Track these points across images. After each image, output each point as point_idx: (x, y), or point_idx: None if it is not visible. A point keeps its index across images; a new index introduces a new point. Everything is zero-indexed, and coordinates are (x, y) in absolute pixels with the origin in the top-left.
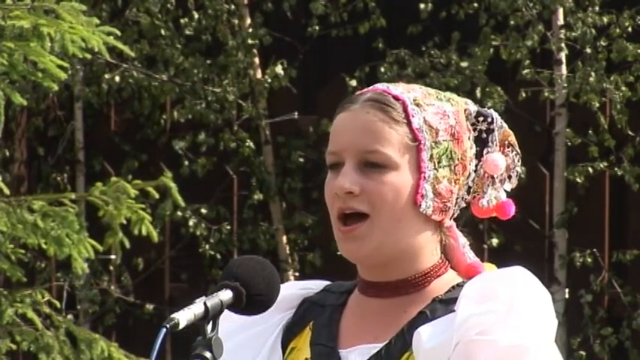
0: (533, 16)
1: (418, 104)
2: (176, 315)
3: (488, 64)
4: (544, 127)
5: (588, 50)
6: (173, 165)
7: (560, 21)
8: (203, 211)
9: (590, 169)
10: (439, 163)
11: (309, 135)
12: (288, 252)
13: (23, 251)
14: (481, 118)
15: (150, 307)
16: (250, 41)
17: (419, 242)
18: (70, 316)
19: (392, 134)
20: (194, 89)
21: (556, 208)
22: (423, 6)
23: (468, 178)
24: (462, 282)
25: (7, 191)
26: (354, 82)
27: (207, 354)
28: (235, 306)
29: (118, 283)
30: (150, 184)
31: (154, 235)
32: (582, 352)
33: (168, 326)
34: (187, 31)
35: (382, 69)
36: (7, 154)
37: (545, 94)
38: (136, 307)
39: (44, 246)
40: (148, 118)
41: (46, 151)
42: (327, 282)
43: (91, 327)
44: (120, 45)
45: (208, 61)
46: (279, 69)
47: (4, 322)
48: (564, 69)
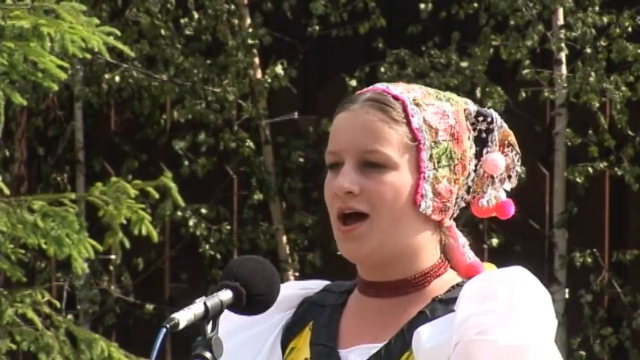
0: (533, 16)
1: (418, 104)
2: (176, 315)
3: (489, 64)
4: (544, 127)
5: (588, 50)
6: (173, 165)
7: (560, 21)
8: (203, 211)
9: (590, 169)
10: (439, 162)
11: (309, 135)
12: (288, 252)
13: (23, 251)
14: (481, 118)
15: (150, 307)
16: (250, 41)
17: (418, 242)
18: (70, 316)
19: (391, 134)
20: (194, 89)
21: (556, 208)
22: (423, 6)
23: (468, 177)
24: (462, 282)
25: (7, 191)
26: (354, 82)
27: (207, 354)
28: (235, 306)
29: (118, 283)
30: (150, 184)
31: (154, 235)
32: (582, 352)
33: (168, 326)
34: (187, 31)
35: (382, 69)
36: (7, 154)
37: (545, 94)
38: (136, 307)
39: (44, 246)
40: (148, 118)
41: (46, 151)
42: (327, 282)
43: (91, 327)
44: (120, 45)
45: (208, 61)
46: (279, 69)
47: (4, 322)
48: (564, 69)
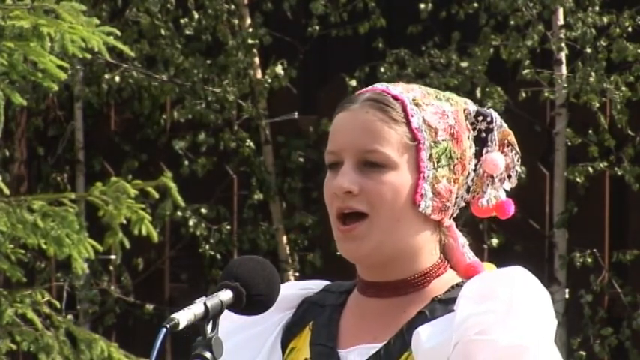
0: (533, 16)
1: (417, 104)
2: (176, 315)
3: (489, 64)
4: (544, 127)
5: (588, 50)
6: (173, 165)
7: (560, 21)
8: (203, 211)
9: (590, 169)
10: (438, 162)
11: (309, 135)
12: (288, 252)
13: (23, 251)
14: (480, 118)
15: (150, 307)
16: (250, 41)
17: (418, 242)
18: (70, 316)
19: (391, 134)
20: (194, 89)
21: (556, 208)
22: (423, 6)
23: (468, 177)
24: (462, 282)
25: (7, 191)
26: (354, 82)
27: (207, 354)
28: (235, 306)
29: (118, 283)
30: (150, 184)
31: (154, 235)
32: (582, 352)
33: (168, 326)
34: (187, 31)
35: (382, 69)
36: (7, 154)
37: (545, 94)
38: (136, 307)
39: (44, 246)
40: (148, 118)
41: (46, 151)
42: (327, 282)
43: (91, 327)
44: (120, 45)
45: (208, 61)
46: (279, 69)
47: (4, 322)
48: (564, 69)
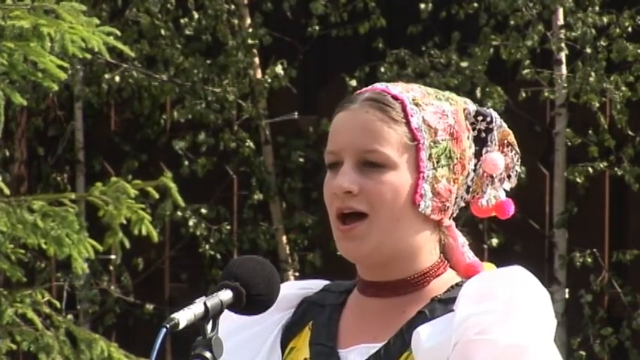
0: (533, 16)
1: (417, 104)
2: (176, 315)
3: (489, 64)
4: (544, 127)
5: (588, 50)
6: (173, 165)
7: (560, 21)
8: (203, 211)
9: (590, 169)
10: (438, 162)
11: (309, 135)
12: (288, 252)
13: (23, 251)
14: (480, 118)
15: (150, 307)
16: (250, 41)
17: (418, 242)
18: (70, 316)
19: (391, 134)
20: (194, 89)
21: (556, 208)
22: (423, 6)
23: (467, 177)
24: (461, 281)
25: (7, 191)
26: (354, 82)
27: (207, 354)
28: (235, 306)
29: (118, 283)
30: (150, 184)
31: (154, 235)
32: (582, 352)
33: (168, 326)
34: (187, 31)
35: (382, 69)
36: (7, 154)
37: (545, 94)
38: (136, 307)
39: (44, 246)
40: (148, 118)
41: (46, 151)
42: (327, 282)
43: (91, 327)
44: (120, 45)
45: (208, 61)
46: (279, 69)
47: (4, 322)
48: (564, 69)
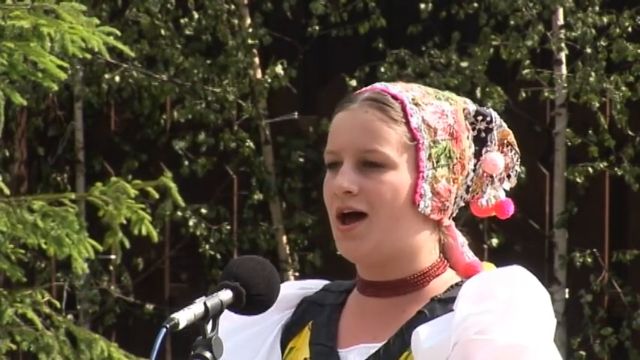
0: (533, 16)
1: (417, 103)
2: (176, 315)
3: (489, 64)
4: (544, 127)
5: (588, 50)
6: (173, 165)
7: (560, 21)
8: (203, 211)
9: (590, 169)
10: (438, 162)
11: (309, 135)
12: (288, 252)
13: (23, 251)
14: (480, 118)
15: (150, 307)
16: (250, 41)
17: (417, 241)
18: (70, 316)
19: (390, 133)
20: (194, 89)
21: (556, 208)
22: (423, 6)
23: (467, 177)
24: (461, 281)
25: (7, 191)
26: (354, 82)
27: (207, 354)
28: (235, 306)
29: (118, 283)
30: (150, 184)
31: (154, 235)
32: (582, 352)
33: (168, 326)
34: (187, 31)
35: (382, 69)
36: (7, 154)
37: (545, 94)
38: (136, 307)
39: (44, 246)
40: (148, 118)
41: (46, 151)
42: (326, 281)
43: (91, 327)
44: (120, 45)
45: (208, 61)
46: (279, 69)
47: (4, 322)
48: (564, 69)
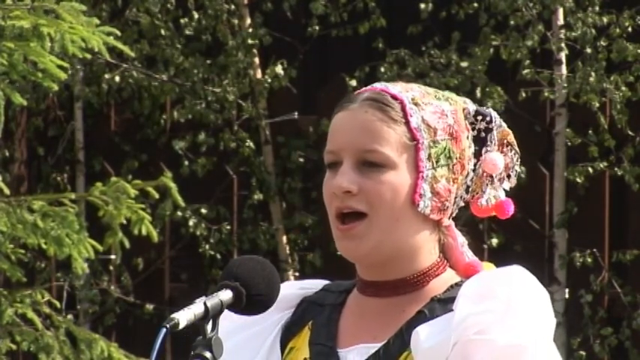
0: (533, 16)
1: (416, 103)
2: (176, 315)
3: (489, 64)
4: (544, 127)
5: (588, 50)
6: (173, 165)
7: (560, 21)
8: (203, 211)
9: (590, 169)
10: (437, 162)
11: (309, 135)
12: (288, 252)
13: (23, 251)
14: (480, 117)
15: (150, 307)
16: (250, 41)
17: (417, 241)
18: (70, 316)
19: (390, 133)
20: (194, 89)
21: (556, 208)
22: (423, 6)
23: (467, 177)
24: (461, 281)
25: (7, 191)
26: (354, 82)
27: (207, 354)
28: (235, 306)
29: (118, 283)
30: (150, 184)
31: (154, 235)
32: (582, 352)
33: (168, 326)
34: (187, 31)
35: (382, 69)
36: (7, 154)
37: (545, 94)
38: (136, 307)
39: (44, 246)
40: (148, 118)
41: (46, 151)
42: (326, 281)
43: (91, 327)
44: (120, 45)
45: (208, 61)
46: (279, 69)
47: (4, 322)
48: (564, 69)
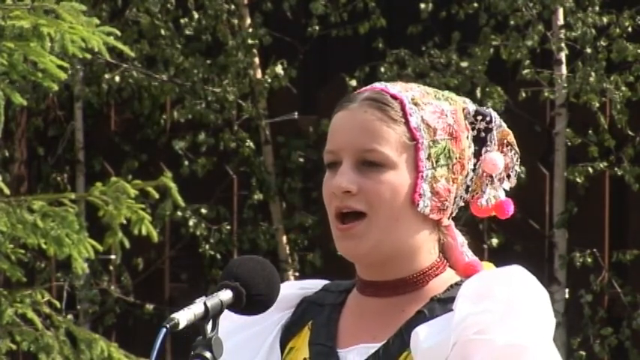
0: (533, 16)
1: (416, 103)
2: (176, 315)
3: (489, 64)
4: (544, 127)
5: (588, 50)
6: (173, 165)
7: (560, 21)
8: (203, 211)
9: (590, 169)
10: (437, 162)
11: (309, 135)
12: (288, 252)
13: (23, 251)
14: (479, 117)
15: (150, 307)
16: (250, 41)
17: (417, 241)
18: (70, 316)
19: (390, 133)
20: (194, 89)
21: (556, 208)
22: (423, 6)
23: (467, 177)
24: (460, 281)
25: (7, 191)
26: (354, 82)
27: (207, 354)
28: (235, 306)
29: (118, 283)
30: (150, 184)
31: (154, 235)
32: (582, 352)
33: (168, 326)
34: (187, 31)
35: (382, 69)
36: (7, 154)
37: (545, 94)
38: (136, 307)
39: (44, 246)
40: (148, 118)
41: (46, 151)
42: (326, 281)
43: (91, 327)
44: (120, 45)
45: (208, 61)
46: (279, 69)
47: (4, 322)
48: (564, 69)
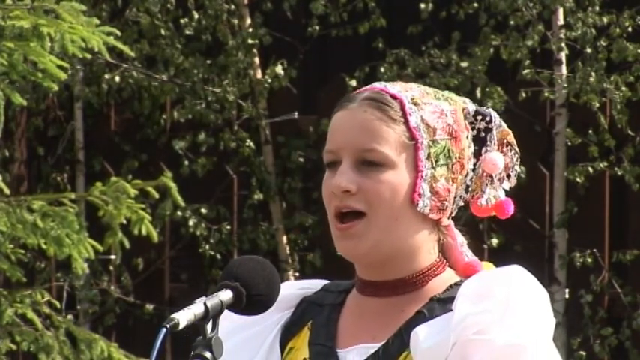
0: (533, 16)
1: (416, 103)
2: (176, 315)
3: (489, 64)
4: (544, 127)
5: (588, 50)
6: (173, 165)
7: (560, 21)
8: (203, 211)
9: (590, 169)
10: (437, 162)
11: (309, 135)
12: (288, 252)
13: (23, 251)
14: (479, 117)
15: (150, 307)
16: (250, 41)
17: (416, 241)
18: (70, 316)
19: (389, 133)
20: (194, 89)
21: (556, 208)
22: (423, 6)
23: (466, 177)
24: (460, 281)
25: (7, 191)
26: (354, 82)
27: (207, 354)
28: (235, 306)
29: (118, 283)
30: (150, 184)
31: (154, 235)
32: (582, 352)
33: (168, 326)
34: (187, 31)
35: (382, 69)
36: (7, 154)
37: (545, 94)
38: (136, 307)
39: (44, 246)
40: (148, 118)
41: (46, 151)
42: (326, 281)
43: (91, 327)
44: (120, 45)
45: (208, 61)
46: (279, 69)
47: (4, 322)
48: (564, 69)
